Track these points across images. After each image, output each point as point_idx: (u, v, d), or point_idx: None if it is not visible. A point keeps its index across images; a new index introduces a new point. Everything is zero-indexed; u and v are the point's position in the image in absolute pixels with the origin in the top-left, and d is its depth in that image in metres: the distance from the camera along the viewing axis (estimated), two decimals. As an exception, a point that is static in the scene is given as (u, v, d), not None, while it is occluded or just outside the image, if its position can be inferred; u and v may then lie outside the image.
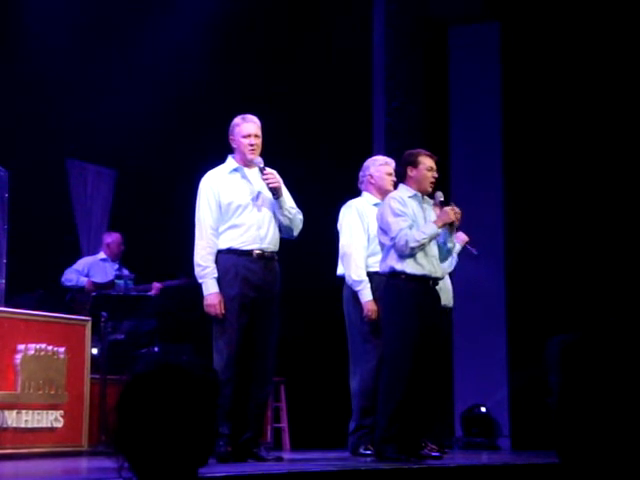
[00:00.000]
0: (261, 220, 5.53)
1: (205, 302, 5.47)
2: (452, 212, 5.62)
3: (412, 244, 5.46)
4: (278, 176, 5.58)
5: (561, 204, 8.94)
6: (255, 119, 5.67)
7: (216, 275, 5.48)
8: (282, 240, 5.74)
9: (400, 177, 5.89)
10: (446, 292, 6.70)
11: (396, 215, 5.55)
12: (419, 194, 5.71)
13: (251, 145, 5.57)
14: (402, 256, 5.52)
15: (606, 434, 1.68)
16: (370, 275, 6.11)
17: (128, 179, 9.45)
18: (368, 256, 6.15)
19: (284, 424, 8.01)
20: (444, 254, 5.77)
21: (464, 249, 6.50)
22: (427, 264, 5.57)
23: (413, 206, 5.65)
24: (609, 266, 8.57)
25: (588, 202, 8.80)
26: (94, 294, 7.67)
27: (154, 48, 8.96)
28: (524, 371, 8.37)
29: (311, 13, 9.36)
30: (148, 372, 1.79)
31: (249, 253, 5.48)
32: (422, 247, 5.52)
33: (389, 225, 5.56)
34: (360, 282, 6.08)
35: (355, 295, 6.13)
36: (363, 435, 6.04)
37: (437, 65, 9.68)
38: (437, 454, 5.96)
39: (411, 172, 5.70)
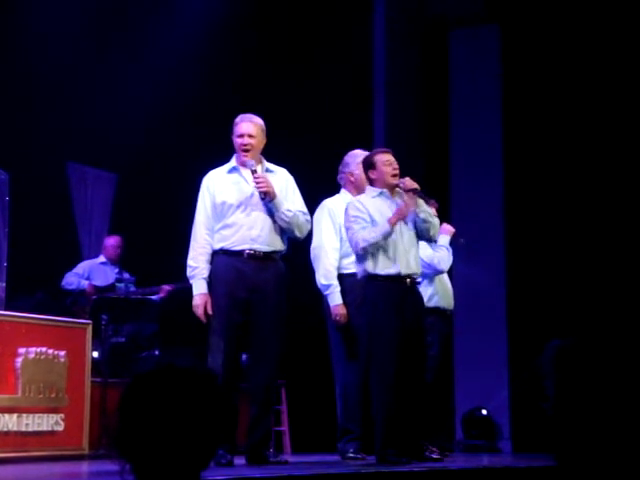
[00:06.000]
0: (253, 221, 5.44)
1: (193, 302, 5.46)
2: (406, 206, 5.53)
3: (362, 244, 5.44)
4: (269, 180, 5.48)
5: (561, 206, 8.94)
6: (253, 118, 5.59)
7: (205, 275, 5.44)
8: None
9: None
10: (447, 295, 6.70)
11: (350, 221, 5.58)
12: (385, 191, 5.67)
13: (243, 145, 5.50)
14: (362, 257, 5.51)
15: (602, 437, 1.69)
16: (343, 277, 6.00)
17: (129, 183, 9.44)
18: (341, 257, 6.03)
19: (285, 427, 7.99)
20: (423, 229, 5.64)
21: (453, 240, 6.50)
22: (398, 262, 5.49)
23: (379, 205, 5.60)
24: (610, 268, 8.57)
25: (588, 204, 8.80)
26: (95, 297, 7.67)
27: (154, 51, 8.97)
28: (524, 374, 8.36)
29: (312, 17, 9.37)
30: (150, 374, 1.79)
31: (240, 253, 5.42)
32: (375, 246, 5.44)
33: (347, 232, 5.62)
34: (328, 286, 5.96)
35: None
36: (350, 439, 5.97)
37: (437, 67, 9.69)
38: (438, 457, 5.96)
39: (372, 174, 5.69)
